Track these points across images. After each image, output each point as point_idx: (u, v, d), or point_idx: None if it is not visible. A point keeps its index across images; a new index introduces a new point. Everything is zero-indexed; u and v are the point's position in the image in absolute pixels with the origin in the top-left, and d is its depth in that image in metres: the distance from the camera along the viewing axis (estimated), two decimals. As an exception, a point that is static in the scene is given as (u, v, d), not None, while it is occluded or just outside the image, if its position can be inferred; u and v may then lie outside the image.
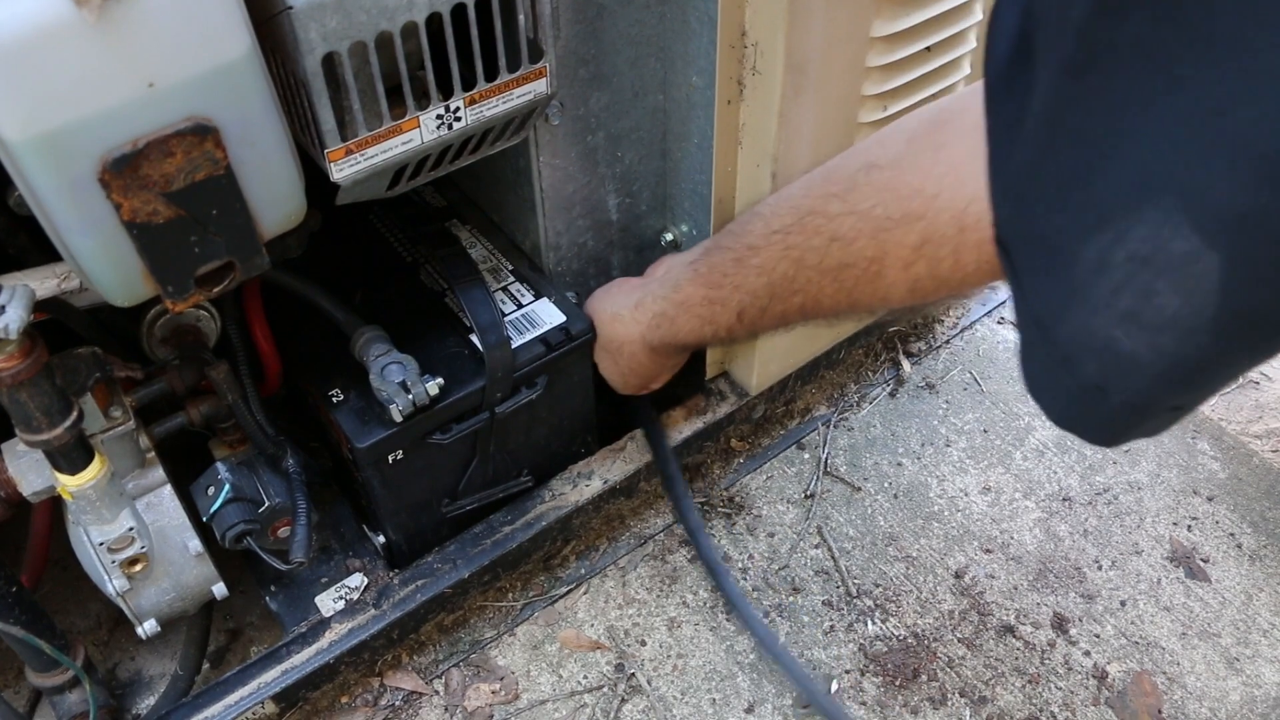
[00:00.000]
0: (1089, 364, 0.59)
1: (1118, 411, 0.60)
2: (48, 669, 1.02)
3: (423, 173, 0.89)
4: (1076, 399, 0.62)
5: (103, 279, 0.72)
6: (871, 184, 0.85)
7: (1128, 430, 0.63)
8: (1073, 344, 0.59)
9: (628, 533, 1.27)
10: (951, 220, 0.76)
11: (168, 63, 0.64)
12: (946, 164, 0.77)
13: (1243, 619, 1.19)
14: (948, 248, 0.78)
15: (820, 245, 0.89)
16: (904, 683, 1.14)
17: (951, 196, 0.76)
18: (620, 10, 1.01)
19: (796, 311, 0.95)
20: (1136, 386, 0.58)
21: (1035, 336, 0.62)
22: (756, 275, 0.96)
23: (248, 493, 1.04)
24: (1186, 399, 0.61)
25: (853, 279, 0.87)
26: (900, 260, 0.82)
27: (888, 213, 0.82)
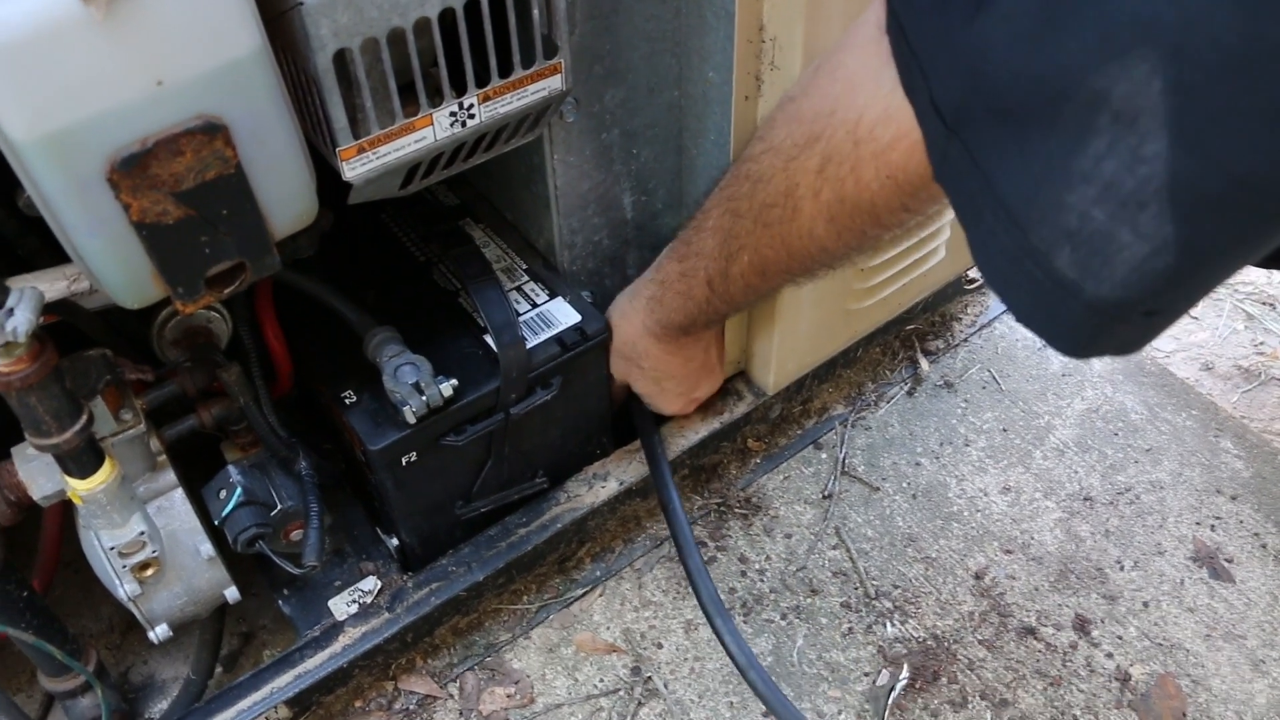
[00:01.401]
0: (1061, 251, 0.55)
1: (1089, 310, 0.56)
2: (59, 674, 1.02)
3: (436, 171, 0.88)
4: (1046, 294, 0.58)
5: (112, 280, 0.71)
6: (783, 115, 0.83)
7: (1097, 335, 0.59)
8: (1045, 227, 0.55)
9: (643, 534, 1.26)
10: (847, 135, 0.74)
11: (176, 60, 0.63)
12: (842, 80, 0.75)
13: (1268, 620, 1.17)
14: (847, 165, 0.75)
15: (747, 190, 0.88)
16: (924, 685, 1.13)
17: (845, 112, 0.74)
18: (635, 5, 0.99)
19: (751, 271, 0.93)
20: (1113, 277, 0.54)
21: (999, 224, 0.58)
22: (710, 236, 0.96)
23: (260, 496, 1.03)
24: (1164, 300, 0.56)
25: (776, 219, 0.85)
26: (810, 189, 0.80)
27: (794, 140, 0.81)
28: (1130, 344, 0.60)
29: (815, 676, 1.14)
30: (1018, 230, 0.57)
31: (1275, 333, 1.52)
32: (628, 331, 1.13)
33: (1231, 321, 1.54)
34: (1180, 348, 1.50)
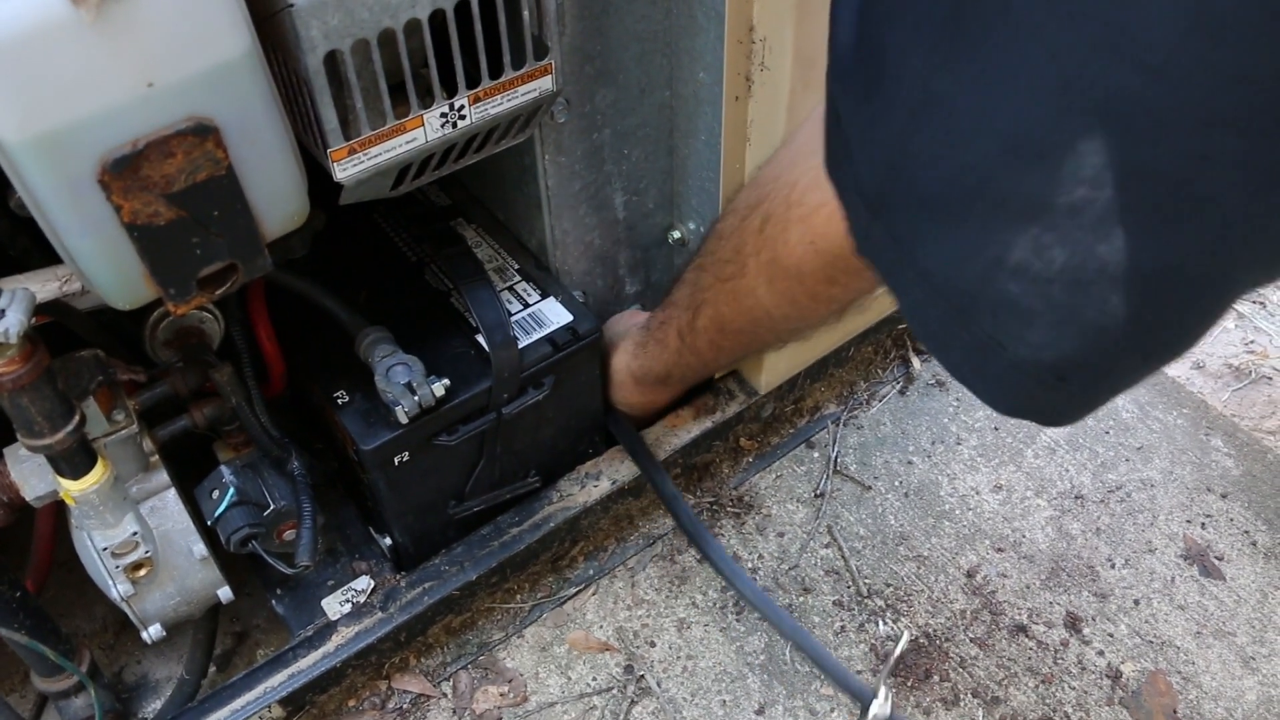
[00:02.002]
0: (985, 317, 0.59)
1: (1008, 369, 0.61)
2: (53, 674, 1.02)
3: (427, 172, 0.88)
4: (972, 353, 0.62)
5: (103, 281, 0.71)
6: (751, 181, 0.90)
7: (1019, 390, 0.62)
8: (967, 299, 0.59)
9: (636, 533, 1.27)
10: (782, 199, 0.80)
11: (167, 61, 0.63)
12: (794, 149, 0.81)
13: (1258, 617, 1.18)
14: (779, 226, 0.81)
15: (712, 246, 0.95)
16: (916, 683, 1.13)
17: (786, 177, 0.80)
18: (626, 6, 1.00)
19: (712, 326, 0.99)
20: (1032, 340, 0.58)
21: (926, 294, 0.62)
22: (684, 287, 1.03)
23: (252, 496, 1.03)
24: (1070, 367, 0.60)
25: (729, 275, 0.91)
26: (753, 249, 0.86)
27: (747, 201, 0.87)
28: (1056, 410, 0.64)
29: (808, 675, 1.14)
30: (943, 300, 0.61)
31: (1266, 331, 1.53)
32: (614, 364, 1.18)
33: (1222, 320, 1.55)
34: (1171, 346, 1.51)
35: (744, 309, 0.92)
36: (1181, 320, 0.58)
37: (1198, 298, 0.57)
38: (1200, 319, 0.59)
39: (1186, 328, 0.59)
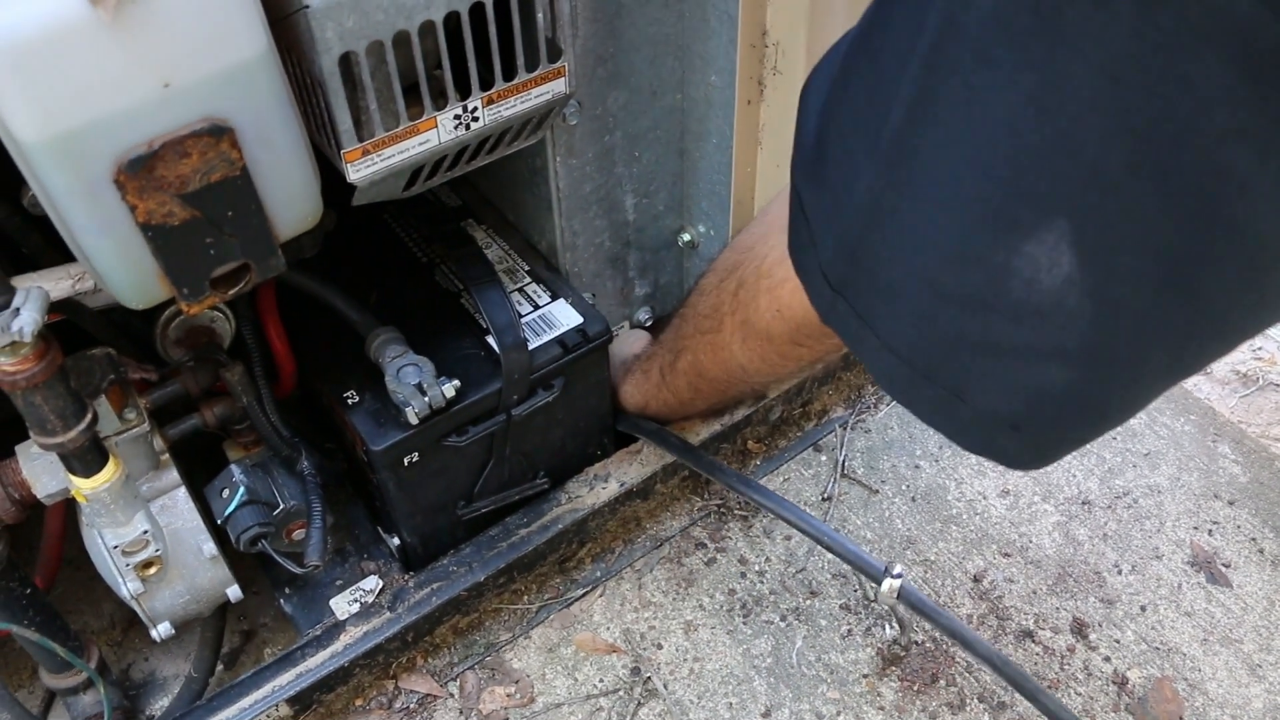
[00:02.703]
0: (945, 377, 0.68)
1: (973, 418, 0.69)
2: (62, 670, 1.02)
3: (439, 173, 0.88)
4: (939, 405, 0.69)
5: (117, 281, 0.72)
6: (731, 243, 0.99)
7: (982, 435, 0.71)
8: (930, 365, 0.68)
9: (644, 535, 1.27)
10: (754, 269, 0.89)
11: (183, 62, 0.64)
12: (768, 222, 0.88)
13: (1265, 625, 1.18)
14: (751, 293, 0.90)
15: (694, 299, 1.03)
16: (922, 687, 1.13)
17: (759, 248, 0.89)
18: (639, 9, 1.00)
19: (691, 370, 1.07)
20: (984, 401, 0.67)
21: (891, 361, 0.70)
22: (670, 330, 1.11)
23: (262, 495, 1.04)
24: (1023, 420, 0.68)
25: (708, 329, 0.99)
26: (729, 309, 0.94)
27: (726, 264, 0.96)
28: (1012, 456, 0.72)
29: (814, 678, 1.14)
30: (906, 366, 0.69)
31: (1273, 338, 1.53)
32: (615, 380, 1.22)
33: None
34: (1179, 352, 1.51)
35: (720, 360, 1.00)
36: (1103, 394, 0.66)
37: (1116, 377, 0.64)
38: (1136, 391, 0.66)
39: (1126, 399, 0.67)
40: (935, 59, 0.58)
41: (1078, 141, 0.54)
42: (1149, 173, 0.53)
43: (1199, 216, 0.54)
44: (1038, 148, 0.55)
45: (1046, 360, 0.63)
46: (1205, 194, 0.53)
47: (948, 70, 0.57)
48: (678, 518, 1.28)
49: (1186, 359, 0.64)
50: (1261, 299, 0.60)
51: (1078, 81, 0.52)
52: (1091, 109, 0.52)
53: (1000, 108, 0.55)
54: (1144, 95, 0.50)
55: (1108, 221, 0.55)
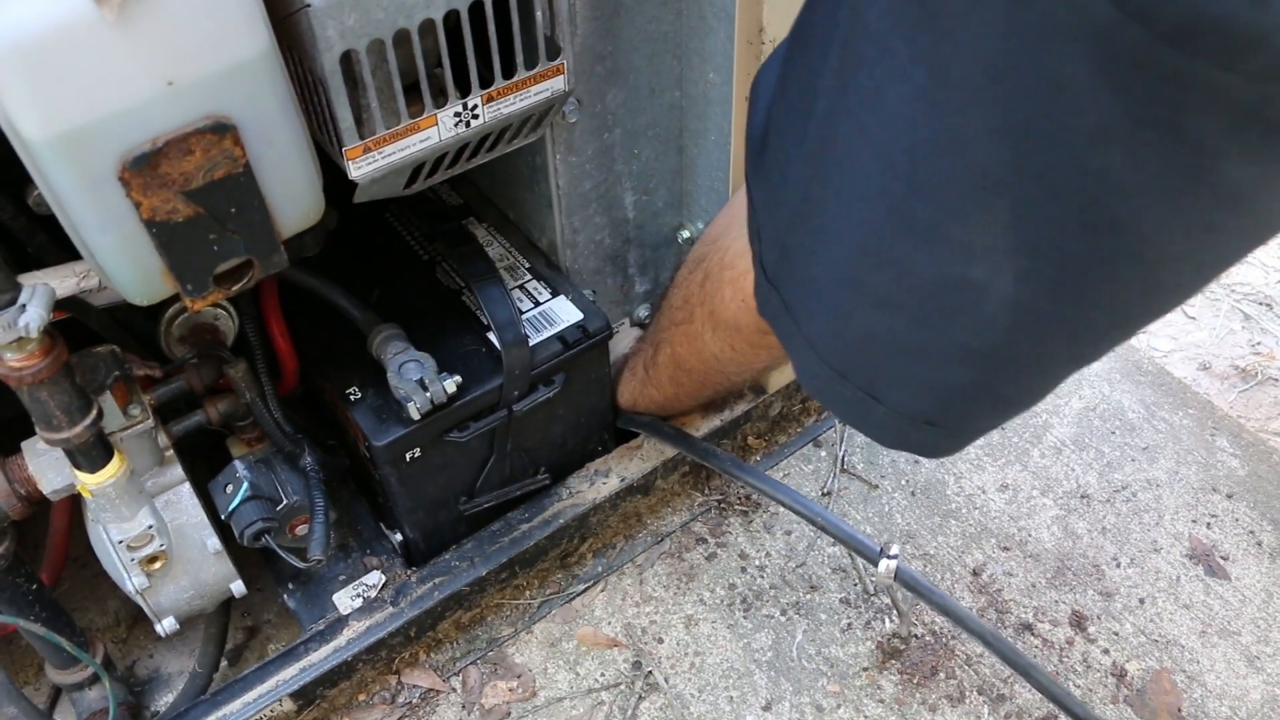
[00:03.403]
0: (859, 377, 0.71)
1: (888, 416, 0.72)
2: (67, 666, 1.03)
3: (440, 170, 0.89)
4: (856, 404, 0.72)
5: (122, 277, 0.72)
6: (700, 237, 1.01)
7: (899, 433, 0.74)
8: (845, 362, 0.71)
9: (645, 530, 1.27)
10: (718, 260, 0.91)
11: (187, 61, 0.64)
12: (732, 214, 0.89)
13: (1263, 617, 1.18)
14: (715, 284, 0.91)
15: (670, 292, 1.05)
16: (922, 680, 1.14)
17: (723, 240, 0.91)
18: (637, 7, 1.00)
19: (670, 362, 1.09)
20: (897, 400, 0.70)
21: (811, 357, 0.72)
22: (651, 325, 1.12)
23: (266, 491, 1.04)
24: (939, 416, 0.71)
25: (681, 320, 1.01)
26: (698, 300, 0.96)
27: (694, 257, 0.98)
28: (930, 448, 0.75)
29: (814, 671, 1.15)
30: (825, 364, 0.72)
31: (1272, 333, 1.53)
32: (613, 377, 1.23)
33: (1229, 321, 1.56)
34: (1178, 347, 1.52)
35: (695, 351, 1.02)
36: (1013, 386, 0.69)
37: (1024, 370, 0.67)
38: (1032, 382, 0.69)
39: (1021, 390, 0.70)
40: (847, 51, 0.59)
41: (964, 139, 0.54)
42: (1032, 173, 0.53)
43: (1083, 217, 0.55)
44: (930, 144, 0.56)
45: (952, 360, 0.66)
46: (1086, 194, 0.53)
47: (856, 63, 0.58)
48: (678, 513, 1.29)
49: (1088, 349, 0.67)
50: (1156, 288, 0.61)
51: (961, 77, 0.52)
52: (975, 105, 0.53)
53: (897, 101, 0.56)
54: (1020, 94, 0.51)
55: (999, 221, 0.56)
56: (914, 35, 0.53)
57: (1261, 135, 0.48)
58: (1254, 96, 0.46)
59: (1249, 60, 0.44)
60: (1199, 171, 0.51)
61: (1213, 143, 0.49)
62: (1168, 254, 0.57)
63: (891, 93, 0.56)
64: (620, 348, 1.26)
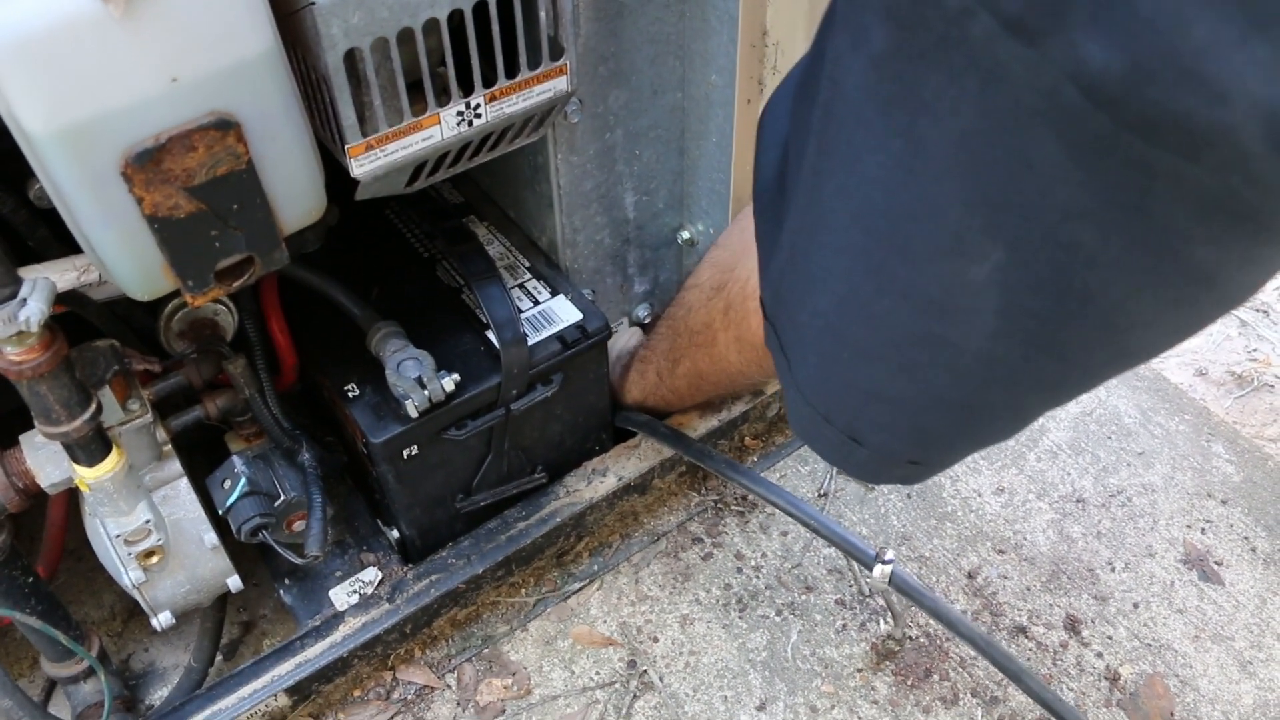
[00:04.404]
0: (842, 420, 0.74)
1: (869, 458, 0.75)
2: (63, 659, 1.03)
3: (442, 169, 0.89)
4: (838, 446, 0.76)
5: (123, 272, 0.72)
6: (710, 256, 1.04)
7: (880, 473, 0.79)
8: (829, 408, 0.74)
9: (641, 530, 1.28)
10: (740, 289, 0.93)
11: (191, 57, 0.64)
12: (741, 241, 0.92)
13: (1256, 622, 1.19)
14: (740, 312, 0.94)
15: (683, 314, 1.08)
16: (916, 682, 1.14)
17: (740, 270, 0.93)
18: (640, 8, 1.01)
19: (691, 374, 1.11)
20: (878, 443, 0.74)
21: (800, 398, 0.75)
22: (662, 340, 1.15)
23: (263, 486, 1.05)
24: (920, 456, 0.76)
25: (702, 343, 1.04)
26: (721, 326, 0.99)
27: (711, 284, 1.00)
28: (912, 479, 0.80)
29: (809, 672, 1.15)
30: (810, 406, 0.75)
31: (1268, 339, 1.54)
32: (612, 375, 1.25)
33: (1225, 328, 1.56)
34: (1174, 353, 1.52)
35: (719, 368, 1.04)
36: (990, 428, 0.72)
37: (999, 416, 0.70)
38: (1005, 424, 0.72)
39: (998, 431, 0.73)
40: (827, 112, 0.61)
41: (940, 206, 0.56)
42: (1005, 243, 0.55)
43: (1054, 285, 0.56)
44: (907, 208, 0.58)
45: (930, 409, 0.69)
46: (1057, 265, 0.55)
47: (836, 124, 0.60)
48: (675, 513, 1.29)
49: (1061, 395, 0.69)
50: (1124, 352, 0.63)
51: (936, 150, 0.54)
52: (950, 176, 0.54)
53: (875, 168, 0.58)
54: (994, 169, 0.53)
55: (973, 284, 0.58)
56: (889, 110, 0.55)
57: (1225, 222, 0.50)
58: (1216, 186, 0.48)
59: (1210, 154, 0.46)
60: (1166, 251, 0.53)
61: (1179, 226, 0.51)
62: (1136, 322, 0.59)
63: (869, 159, 0.58)
64: (621, 344, 1.26)
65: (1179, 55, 0.43)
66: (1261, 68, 0.42)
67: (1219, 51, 0.42)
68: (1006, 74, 0.48)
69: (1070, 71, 0.46)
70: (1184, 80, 0.43)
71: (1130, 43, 0.44)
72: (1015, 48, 0.47)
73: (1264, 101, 0.42)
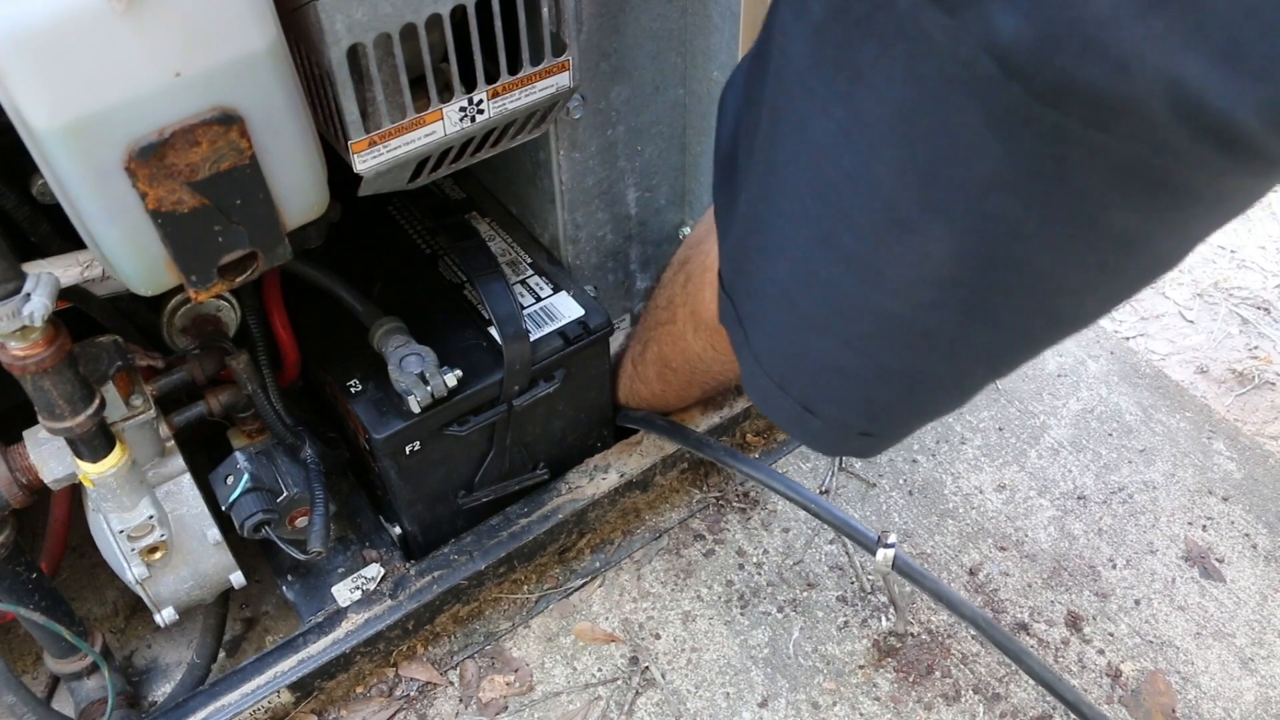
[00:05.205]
0: (797, 390, 0.75)
1: (823, 428, 0.77)
2: (66, 655, 1.03)
3: (444, 165, 0.89)
4: (793, 415, 0.77)
5: (127, 268, 0.73)
6: (686, 238, 1.06)
7: (835, 443, 0.82)
8: (784, 377, 0.75)
9: (643, 526, 1.28)
10: (700, 263, 0.94)
11: (194, 52, 0.64)
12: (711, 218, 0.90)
13: (1257, 619, 1.19)
14: (697, 285, 0.94)
15: (655, 291, 1.08)
16: (918, 679, 1.14)
17: (705, 244, 0.93)
18: (642, 4, 1.01)
19: (658, 360, 1.12)
20: (830, 414, 0.76)
21: (756, 368, 0.77)
22: (639, 322, 1.15)
23: (266, 482, 1.05)
24: (870, 428, 0.77)
25: (665, 320, 1.04)
26: (680, 301, 0.99)
27: (678, 259, 1.02)
28: (867, 451, 0.83)
29: (811, 669, 1.15)
30: (767, 376, 0.76)
31: (1269, 337, 1.54)
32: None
33: (1226, 325, 1.56)
34: (1175, 350, 1.52)
35: (679, 350, 1.05)
36: (936, 400, 0.75)
37: (943, 387, 0.72)
38: (950, 395, 0.74)
39: (944, 402, 0.75)
40: (777, 82, 0.62)
41: (877, 175, 0.57)
42: (936, 212, 0.56)
43: (984, 253, 0.58)
44: (850, 175, 0.59)
45: (877, 380, 0.71)
46: (985, 234, 0.56)
47: (786, 94, 0.61)
48: (677, 509, 1.29)
49: (1002, 366, 0.72)
50: (1058, 318, 0.65)
51: (873, 117, 0.55)
52: (885, 144, 0.56)
53: (820, 134, 0.59)
54: (923, 139, 0.54)
55: (910, 254, 0.59)
56: (831, 76, 0.56)
57: (1141, 188, 0.51)
58: (1128, 154, 0.49)
59: (1118, 123, 0.47)
60: (1085, 218, 0.54)
61: (1096, 194, 0.52)
62: (1064, 288, 0.60)
63: (815, 126, 0.59)
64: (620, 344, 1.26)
65: (1083, 24, 0.44)
66: (1159, 40, 0.43)
67: (1119, 23, 0.43)
68: (930, 43, 0.49)
69: (985, 42, 0.47)
70: (1088, 50, 0.44)
71: (1038, 12, 0.45)
72: (938, 16, 0.48)
73: (1164, 73, 0.43)
